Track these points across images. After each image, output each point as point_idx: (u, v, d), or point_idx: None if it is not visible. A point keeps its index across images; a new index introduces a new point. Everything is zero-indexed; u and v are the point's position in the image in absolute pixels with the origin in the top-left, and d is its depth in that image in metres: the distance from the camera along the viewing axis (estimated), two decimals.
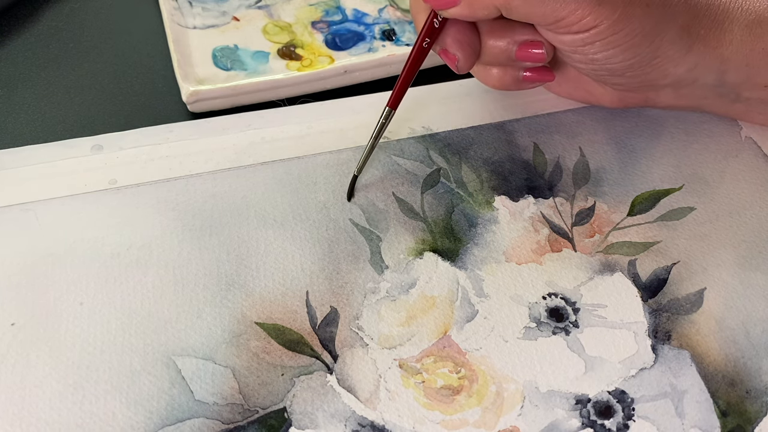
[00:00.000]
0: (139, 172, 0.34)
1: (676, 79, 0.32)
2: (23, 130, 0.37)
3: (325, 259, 0.31)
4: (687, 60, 0.31)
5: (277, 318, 0.29)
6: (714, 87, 0.33)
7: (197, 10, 0.42)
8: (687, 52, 0.31)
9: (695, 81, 0.32)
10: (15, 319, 0.28)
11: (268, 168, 0.34)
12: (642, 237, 0.33)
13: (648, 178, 0.35)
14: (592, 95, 0.35)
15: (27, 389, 0.26)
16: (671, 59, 0.31)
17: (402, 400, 0.27)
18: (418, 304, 0.30)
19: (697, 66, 0.31)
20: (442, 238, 0.32)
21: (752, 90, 0.33)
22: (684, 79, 0.32)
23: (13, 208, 0.32)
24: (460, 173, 0.35)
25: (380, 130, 0.33)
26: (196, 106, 0.38)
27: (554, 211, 0.34)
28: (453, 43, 0.32)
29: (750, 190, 0.35)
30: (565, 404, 0.27)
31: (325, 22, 0.43)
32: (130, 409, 0.26)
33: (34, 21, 0.43)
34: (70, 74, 0.40)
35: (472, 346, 0.29)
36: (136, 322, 0.28)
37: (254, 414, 0.26)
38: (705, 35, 0.31)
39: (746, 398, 0.28)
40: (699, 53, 0.31)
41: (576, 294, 0.31)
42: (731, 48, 0.31)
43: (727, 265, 0.32)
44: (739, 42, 0.31)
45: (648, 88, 0.33)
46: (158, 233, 0.31)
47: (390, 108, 0.33)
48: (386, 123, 0.33)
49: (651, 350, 0.29)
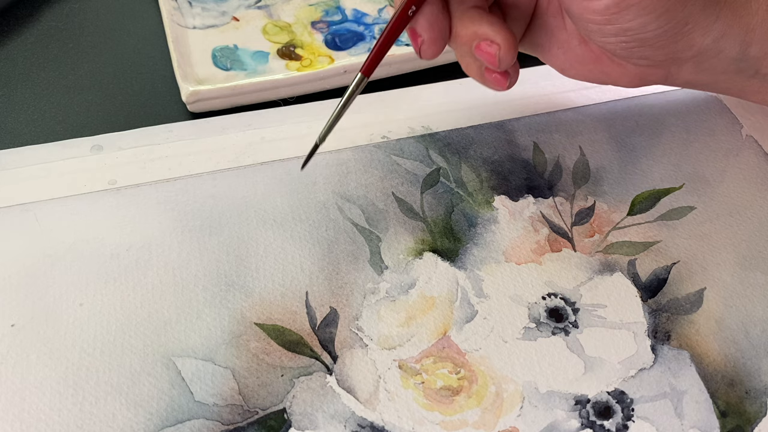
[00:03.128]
0: (138, 172, 0.34)
1: (701, 50, 0.31)
2: (23, 130, 0.37)
3: (324, 260, 0.31)
4: (715, 28, 0.30)
5: (277, 319, 0.29)
6: (736, 61, 0.32)
7: (197, 10, 0.42)
8: (716, 19, 0.30)
9: (719, 53, 0.31)
10: (15, 320, 0.28)
11: (268, 168, 0.34)
12: (642, 237, 0.33)
13: (648, 177, 0.35)
14: (609, 76, 0.34)
15: (27, 390, 0.26)
16: (701, 27, 0.30)
17: (401, 401, 0.27)
18: (417, 305, 0.30)
19: (724, 36, 0.30)
20: (442, 238, 0.32)
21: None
22: (709, 50, 0.31)
23: (13, 209, 0.32)
24: (460, 173, 0.35)
25: (349, 97, 0.31)
26: (195, 106, 0.37)
27: (554, 211, 0.34)
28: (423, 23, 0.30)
29: (750, 189, 0.35)
30: (564, 405, 0.27)
31: (325, 22, 0.43)
32: (129, 410, 0.26)
33: (34, 21, 0.43)
34: (70, 74, 0.40)
35: (472, 346, 0.29)
36: (136, 322, 0.28)
37: (254, 415, 0.26)
38: (732, 2, 0.30)
39: (746, 398, 0.28)
40: (726, 21, 0.30)
41: (575, 294, 0.31)
42: (757, 17, 0.30)
43: (727, 265, 0.32)
44: (765, 11, 0.30)
45: (671, 62, 0.32)
46: (158, 233, 0.31)
47: (363, 75, 0.31)
48: (356, 90, 0.31)
49: (650, 350, 0.29)
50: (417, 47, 0.31)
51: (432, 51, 0.31)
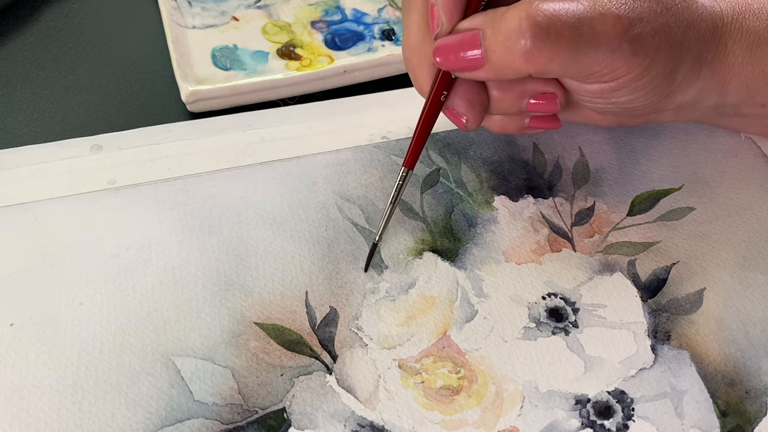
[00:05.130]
0: (138, 172, 0.34)
1: (680, 104, 0.32)
2: (22, 130, 0.37)
3: (324, 259, 0.31)
4: (695, 87, 0.31)
5: (277, 318, 0.29)
6: (714, 108, 0.33)
7: (196, 10, 0.42)
8: (696, 79, 0.30)
9: (698, 104, 0.32)
10: (14, 320, 0.28)
11: (268, 168, 0.34)
12: (641, 237, 0.33)
13: (647, 178, 0.35)
14: (591, 120, 0.34)
15: (26, 389, 0.26)
16: (682, 88, 0.30)
17: (401, 401, 0.27)
18: (417, 304, 0.30)
19: (702, 91, 0.31)
20: (442, 238, 0.32)
21: (750, 108, 0.33)
22: (688, 103, 0.32)
23: (13, 208, 0.32)
24: (460, 173, 0.35)
25: (398, 193, 0.31)
26: (195, 106, 0.37)
27: (554, 211, 0.34)
28: (462, 103, 0.30)
29: (749, 190, 0.35)
30: (564, 404, 0.27)
31: (325, 22, 0.43)
32: (129, 410, 0.26)
33: (34, 21, 0.43)
34: (70, 74, 0.40)
35: (472, 346, 0.29)
36: (135, 322, 0.28)
37: (253, 414, 0.26)
38: (711, 60, 0.30)
39: (746, 398, 0.28)
40: (705, 79, 0.31)
41: (575, 294, 0.31)
42: (733, 71, 0.31)
43: (727, 265, 0.32)
44: (740, 64, 0.30)
45: (652, 114, 0.33)
46: (157, 233, 0.31)
47: (407, 168, 0.31)
48: (404, 185, 0.31)
49: (650, 350, 0.29)
50: (462, 126, 0.31)
51: (477, 124, 0.31)
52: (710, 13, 0.30)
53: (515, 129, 0.32)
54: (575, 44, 0.26)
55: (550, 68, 0.27)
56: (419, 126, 0.30)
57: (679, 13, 0.29)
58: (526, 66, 0.27)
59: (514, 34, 0.26)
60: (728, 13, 0.31)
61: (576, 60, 0.27)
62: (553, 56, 0.26)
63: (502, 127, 0.32)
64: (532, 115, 0.32)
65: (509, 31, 0.26)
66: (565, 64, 0.27)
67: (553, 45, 0.26)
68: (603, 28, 0.27)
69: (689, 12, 0.29)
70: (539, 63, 0.27)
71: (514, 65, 0.27)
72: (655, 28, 0.28)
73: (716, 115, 0.34)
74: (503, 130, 0.33)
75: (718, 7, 0.30)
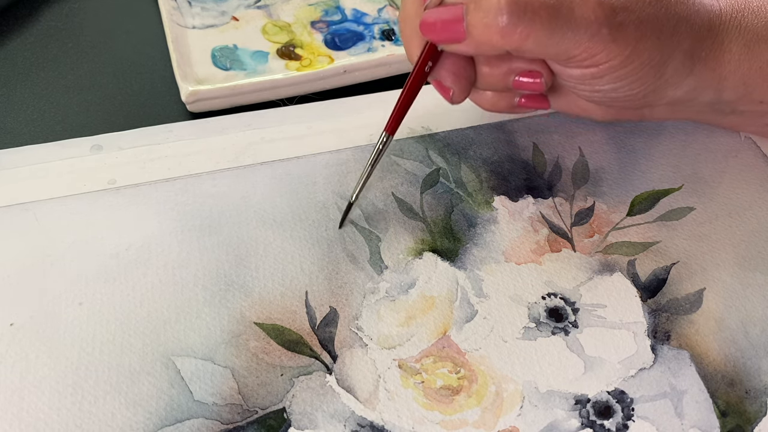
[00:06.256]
0: (138, 172, 0.34)
1: (673, 100, 0.32)
2: (22, 130, 0.37)
3: (324, 259, 0.31)
4: (687, 83, 0.31)
5: (277, 318, 0.29)
6: (710, 104, 0.33)
7: (196, 10, 0.42)
8: (688, 75, 0.30)
9: (693, 100, 0.32)
10: (14, 319, 0.28)
11: (268, 168, 0.34)
12: (641, 237, 0.33)
13: (647, 178, 0.35)
14: (585, 111, 0.35)
15: (26, 389, 0.26)
16: (672, 84, 0.31)
17: (401, 401, 0.27)
18: (417, 305, 0.30)
19: (696, 88, 0.31)
20: (442, 238, 0.32)
21: (748, 105, 0.33)
22: (682, 99, 0.32)
23: (13, 208, 0.32)
24: (460, 173, 0.35)
25: (377, 156, 0.32)
26: (195, 106, 0.37)
27: (553, 211, 0.34)
28: (448, 75, 0.31)
29: (749, 190, 0.35)
30: (564, 404, 0.27)
31: (325, 22, 0.43)
32: (129, 410, 0.26)
33: (34, 21, 0.43)
34: (70, 74, 0.40)
35: (472, 346, 0.29)
36: (135, 322, 0.28)
37: (253, 414, 0.26)
38: (705, 57, 0.30)
39: (745, 398, 0.28)
40: (699, 75, 0.31)
41: (575, 294, 0.31)
42: (729, 67, 0.31)
43: (727, 265, 0.32)
44: (737, 61, 0.31)
45: (644, 107, 0.33)
46: (157, 233, 0.31)
47: (387, 133, 0.32)
48: (383, 149, 0.32)
49: (650, 350, 0.29)
50: (448, 98, 0.32)
51: (463, 98, 0.32)
52: (707, 10, 0.30)
53: (505, 107, 0.33)
54: (551, 24, 0.27)
55: (526, 46, 0.28)
56: (403, 93, 0.32)
57: (670, 6, 0.29)
58: (503, 42, 0.28)
59: (492, 10, 0.27)
60: (727, 11, 0.31)
61: (553, 41, 0.28)
62: (529, 34, 0.27)
63: (492, 104, 0.33)
64: (522, 94, 0.32)
65: (489, 7, 0.27)
66: (541, 42, 0.28)
67: (528, 23, 0.27)
68: (582, 12, 0.27)
69: (682, 7, 0.29)
70: (515, 40, 0.27)
71: (492, 41, 0.28)
72: (641, 18, 0.28)
73: (713, 113, 0.34)
74: (494, 107, 0.33)
75: (717, 5, 0.31)
